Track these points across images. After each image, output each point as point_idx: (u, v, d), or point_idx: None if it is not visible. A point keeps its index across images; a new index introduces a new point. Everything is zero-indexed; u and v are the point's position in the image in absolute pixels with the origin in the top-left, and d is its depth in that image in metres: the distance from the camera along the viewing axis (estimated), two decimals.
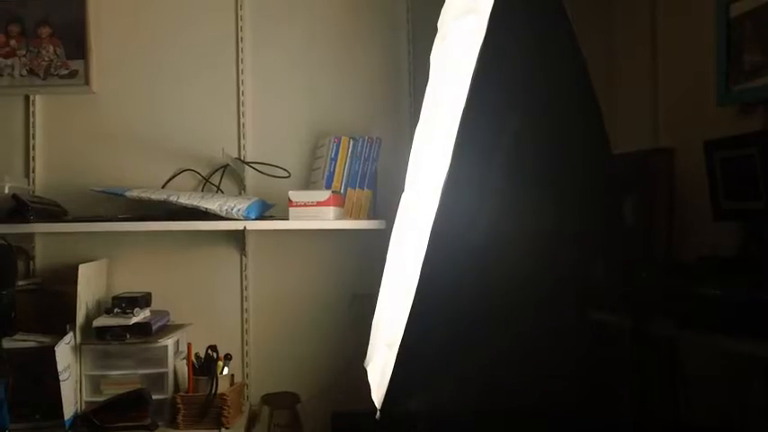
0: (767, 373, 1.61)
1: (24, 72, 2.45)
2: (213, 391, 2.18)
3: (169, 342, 2.23)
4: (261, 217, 2.31)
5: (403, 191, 1.89)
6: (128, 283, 2.43)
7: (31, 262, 2.44)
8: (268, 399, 2.36)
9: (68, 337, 2.14)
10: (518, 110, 1.58)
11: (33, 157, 2.47)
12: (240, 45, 2.54)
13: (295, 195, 2.26)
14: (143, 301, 2.28)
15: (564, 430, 1.70)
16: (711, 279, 1.65)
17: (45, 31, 2.45)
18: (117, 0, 2.51)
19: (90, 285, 2.28)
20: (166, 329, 2.33)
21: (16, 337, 2.12)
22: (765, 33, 1.68)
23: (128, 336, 2.18)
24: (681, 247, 1.99)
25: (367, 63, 2.58)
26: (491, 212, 1.55)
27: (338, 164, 2.40)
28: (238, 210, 2.22)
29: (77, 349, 2.19)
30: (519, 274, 1.54)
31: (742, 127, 1.76)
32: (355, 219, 2.38)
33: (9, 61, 2.45)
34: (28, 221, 2.19)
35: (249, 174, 2.52)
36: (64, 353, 2.10)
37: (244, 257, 2.52)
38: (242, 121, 2.53)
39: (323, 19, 2.57)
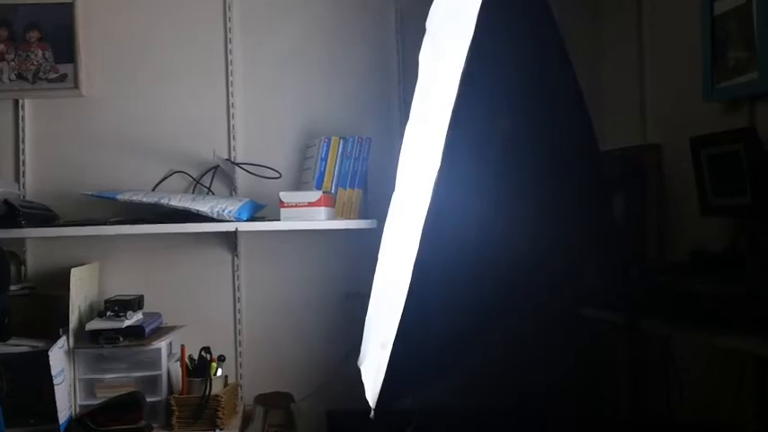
0: (758, 368, 1.62)
1: (13, 76, 2.44)
2: (207, 393, 2.18)
3: (162, 344, 2.24)
4: (252, 218, 2.32)
5: (393, 190, 1.91)
6: (120, 286, 2.43)
7: (23, 267, 2.43)
8: (262, 399, 2.37)
9: (62, 341, 2.14)
10: (507, 108, 1.59)
11: (23, 162, 2.46)
12: (229, 46, 2.54)
13: (286, 196, 2.26)
14: (135, 303, 2.28)
15: (557, 428, 1.72)
16: (702, 275, 1.66)
17: (34, 35, 2.44)
18: (105, 3, 2.51)
19: (82, 289, 2.28)
20: (159, 332, 2.33)
21: (9, 342, 2.12)
22: (749, 30, 1.70)
23: (121, 339, 2.18)
24: (670, 244, 2.01)
25: (356, 63, 2.58)
26: (482, 211, 1.56)
27: (328, 164, 2.40)
28: (230, 211, 2.23)
29: (71, 353, 2.19)
30: (511, 272, 1.55)
31: (728, 123, 1.77)
32: (346, 218, 2.39)
33: None
34: (19, 226, 2.19)
35: (240, 175, 2.52)
36: (57, 357, 2.10)
37: (236, 258, 2.53)
38: (232, 122, 2.54)
39: (312, 20, 2.58)
